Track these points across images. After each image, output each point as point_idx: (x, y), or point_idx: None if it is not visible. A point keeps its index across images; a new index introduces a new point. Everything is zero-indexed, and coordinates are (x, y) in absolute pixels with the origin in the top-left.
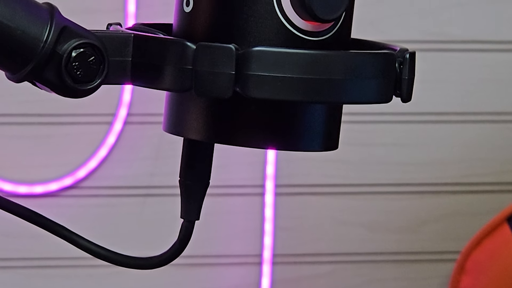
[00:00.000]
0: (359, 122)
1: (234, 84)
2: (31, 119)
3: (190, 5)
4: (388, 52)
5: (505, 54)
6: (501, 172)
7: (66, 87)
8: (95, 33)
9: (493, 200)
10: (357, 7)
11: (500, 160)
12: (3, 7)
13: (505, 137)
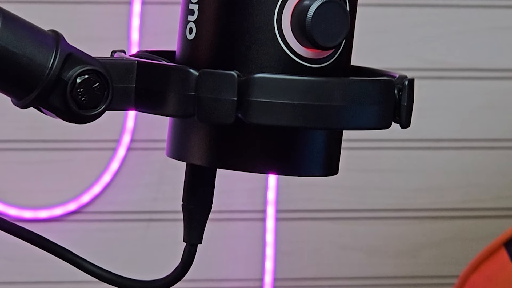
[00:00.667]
0: (358, 148)
1: (236, 110)
2: (36, 145)
3: (193, 33)
4: (387, 79)
5: (501, 82)
6: (498, 198)
7: (71, 113)
8: (100, 60)
9: (490, 225)
10: (356, 36)
11: (497, 186)
12: (10, 34)
13: (502, 164)
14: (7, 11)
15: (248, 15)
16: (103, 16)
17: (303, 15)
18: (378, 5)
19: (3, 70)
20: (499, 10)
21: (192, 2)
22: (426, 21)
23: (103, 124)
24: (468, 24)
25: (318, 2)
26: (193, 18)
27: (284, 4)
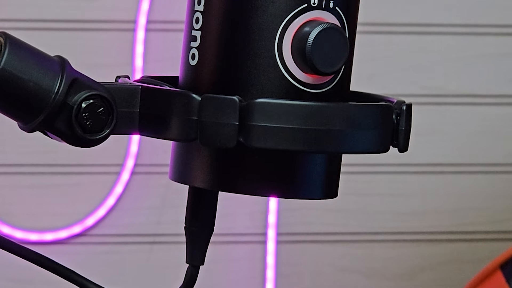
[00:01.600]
0: (357, 173)
1: (237, 135)
2: (41, 169)
3: (196, 58)
4: (386, 104)
5: (497, 108)
6: (494, 221)
7: (76, 136)
8: (104, 85)
9: (486, 248)
10: (355, 62)
11: (493, 210)
12: (16, 60)
13: (498, 188)
14: (14, 37)
15: (250, 41)
16: (107, 42)
17: (303, 41)
18: (376, 32)
19: (10, 95)
20: (494, 38)
21: (195, 28)
22: (423, 48)
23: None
24: (465, 51)
25: (318, 29)
26: (196, 44)
27: (285, 30)
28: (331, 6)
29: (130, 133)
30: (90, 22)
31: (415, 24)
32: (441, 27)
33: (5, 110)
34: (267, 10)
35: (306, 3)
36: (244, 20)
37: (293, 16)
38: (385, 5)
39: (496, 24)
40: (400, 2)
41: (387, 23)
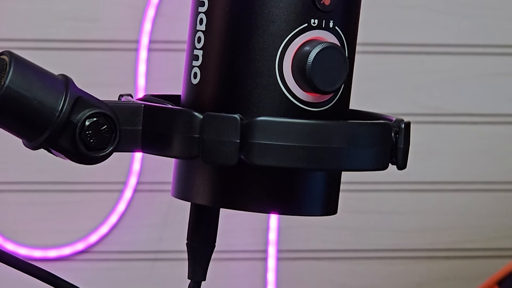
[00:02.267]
0: (356, 191)
1: (239, 152)
2: (45, 186)
3: (198, 77)
4: (385, 122)
5: (493, 126)
6: (491, 239)
7: (80, 154)
8: (108, 103)
9: (484, 265)
10: (354, 81)
11: (490, 227)
12: (21, 79)
13: (495, 205)
14: (19, 56)
15: (251, 61)
16: (111, 62)
17: (303, 60)
18: (375, 52)
19: (14, 112)
20: (491, 58)
21: (197, 48)
22: (421, 67)
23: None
24: (462, 70)
25: (318, 48)
26: (198, 63)
27: (285, 50)
28: (331, 26)
29: (133, 151)
30: (93, 42)
31: (413, 45)
32: (439, 47)
33: (10, 128)
34: (268, 29)
35: (306, 22)
36: (245, 39)
37: (294, 35)
38: (383, 26)
39: (492, 44)
40: (399, 23)
41: (385, 43)
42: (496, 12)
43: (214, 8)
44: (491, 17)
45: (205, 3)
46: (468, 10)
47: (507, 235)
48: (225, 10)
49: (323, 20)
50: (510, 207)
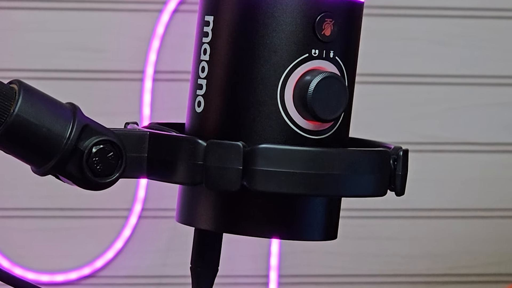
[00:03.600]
0: (356, 217)
1: (241, 179)
2: (52, 213)
3: (201, 106)
4: (383, 150)
5: (490, 155)
6: (487, 264)
7: (87, 180)
8: (114, 131)
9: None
10: (354, 111)
11: (486, 253)
12: (30, 107)
13: (491, 232)
14: (28, 85)
15: (253, 90)
16: (117, 92)
17: (304, 89)
18: (375, 82)
19: (24, 139)
20: (488, 88)
21: (201, 77)
22: (420, 97)
23: (116, 194)
24: (460, 100)
25: (319, 78)
26: (202, 92)
27: (287, 79)
28: (331, 56)
29: (139, 177)
30: (100, 72)
31: (412, 75)
32: (437, 78)
33: (19, 154)
34: (270, 60)
35: (307, 53)
36: (248, 69)
37: (295, 65)
38: (383, 57)
39: (490, 75)
40: (398, 54)
41: (385, 73)
42: (494, 44)
43: (218, 38)
44: (489, 49)
45: (209, 34)
46: (467, 42)
47: (504, 260)
48: (229, 40)
49: (323, 51)
50: (506, 233)
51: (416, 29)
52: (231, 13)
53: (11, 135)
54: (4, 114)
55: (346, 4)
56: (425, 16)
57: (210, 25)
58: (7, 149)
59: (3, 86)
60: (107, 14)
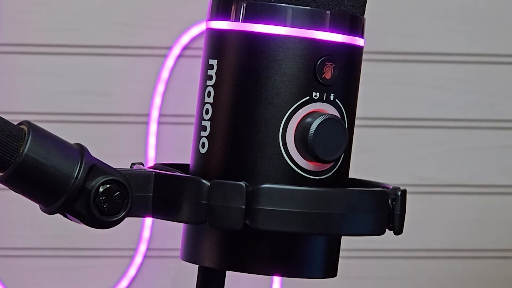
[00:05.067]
0: (355, 257)
1: (244, 218)
2: (60, 252)
3: (205, 147)
4: (382, 190)
5: (486, 197)
6: None
7: (94, 218)
8: (120, 171)
9: None
10: (354, 153)
11: None
12: (39, 147)
13: (487, 272)
14: (37, 126)
15: (256, 131)
16: (123, 134)
17: (305, 131)
18: (374, 126)
19: (33, 179)
20: (483, 131)
21: (205, 119)
22: (417, 141)
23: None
24: (456, 144)
25: (320, 120)
26: (206, 133)
27: (288, 121)
28: (332, 99)
29: (144, 216)
30: (107, 115)
31: (410, 119)
32: (434, 121)
33: (28, 193)
34: (272, 102)
35: (308, 95)
36: (251, 111)
37: (296, 107)
38: (382, 101)
39: (484, 119)
40: (396, 98)
41: (384, 117)
42: (490, 89)
43: (222, 81)
44: (485, 93)
45: (213, 77)
46: (463, 87)
47: None
48: (232, 83)
49: (324, 93)
50: (502, 273)
51: (414, 74)
52: (235, 57)
53: (20, 174)
54: (14, 154)
55: (346, 48)
56: (424, 62)
57: (214, 68)
58: (16, 188)
59: (13, 127)
60: (113, 59)
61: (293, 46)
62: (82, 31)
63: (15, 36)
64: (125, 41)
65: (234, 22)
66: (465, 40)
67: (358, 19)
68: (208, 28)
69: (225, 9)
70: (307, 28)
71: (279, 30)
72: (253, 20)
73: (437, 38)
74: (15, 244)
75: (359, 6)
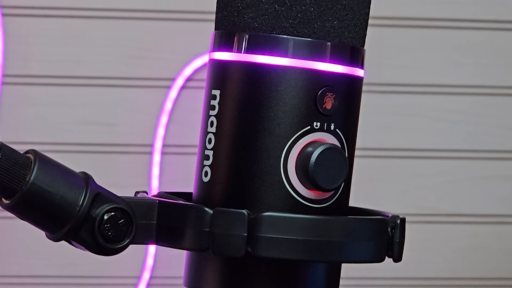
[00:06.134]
0: (355, 285)
1: (246, 245)
2: (65, 280)
3: (208, 176)
4: (381, 218)
5: (486, 226)
6: None
7: (98, 246)
8: (125, 199)
9: None
10: (355, 183)
11: None
12: (45, 175)
13: None
14: (43, 155)
15: (258, 160)
16: (126, 164)
17: (306, 160)
18: (374, 156)
19: (39, 206)
20: (483, 162)
21: (208, 148)
22: (417, 171)
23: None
24: (455, 174)
25: (320, 149)
26: (208, 162)
27: (289, 150)
28: (332, 129)
29: (148, 243)
30: (111, 145)
31: (410, 149)
32: (434, 152)
33: (34, 221)
34: (274, 132)
35: (309, 125)
36: (253, 141)
37: (297, 137)
38: (382, 132)
39: (483, 149)
40: (396, 129)
41: (384, 148)
42: (487, 120)
43: (224, 111)
44: (482, 124)
45: (215, 107)
46: (462, 118)
47: None
48: (234, 113)
49: (324, 123)
50: None
51: (414, 105)
52: (237, 87)
53: (26, 202)
54: (20, 182)
55: (347, 79)
56: (423, 93)
57: (217, 98)
58: (23, 215)
59: (20, 155)
60: (118, 90)
61: (295, 77)
62: (86, 63)
63: (22, 67)
64: (129, 72)
65: (236, 53)
66: (465, 72)
67: (358, 50)
68: (211, 59)
69: (228, 40)
70: (308, 59)
71: (280, 61)
72: (255, 51)
73: (437, 70)
74: (21, 272)
75: (359, 37)
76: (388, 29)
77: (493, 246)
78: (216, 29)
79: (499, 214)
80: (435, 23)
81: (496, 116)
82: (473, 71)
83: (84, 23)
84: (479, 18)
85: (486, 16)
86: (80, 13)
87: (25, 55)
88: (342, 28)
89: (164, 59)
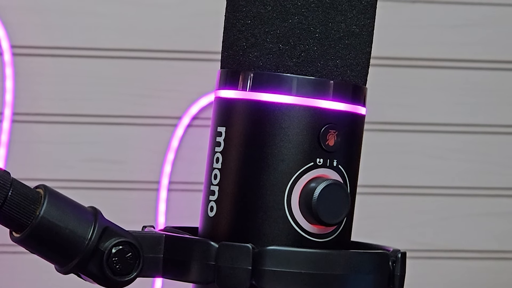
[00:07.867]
0: None
1: (250, 278)
2: None
3: (214, 211)
4: (382, 252)
5: (482, 262)
6: None
7: (106, 278)
8: (132, 233)
9: None
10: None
11: None
12: (54, 209)
13: None
14: (53, 190)
15: (262, 195)
16: (133, 201)
17: (309, 195)
18: (375, 193)
19: (48, 240)
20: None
21: (213, 184)
22: (416, 208)
23: None
24: (452, 211)
25: (323, 185)
26: (214, 198)
27: (293, 186)
28: (335, 165)
29: (155, 276)
30: (118, 182)
31: (408, 187)
32: (431, 189)
33: (44, 254)
34: (278, 168)
35: (312, 162)
36: (257, 176)
37: (301, 173)
38: (382, 169)
39: (479, 186)
40: (396, 167)
41: (384, 185)
42: (484, 158)
43: (229, 148)
44: (480, 162)
45: (221, 144)
46: (460, 156)
47: None
48: (239, 150)
49: (327, 160)
50: None
51: (414, 144)
52: (242, 124)
53: (36, 236)
54: (31, 216)
55: (349, 116)
56: (422, 132)
57: (222, 135)
58: (32, 248)
59: (30, 190)
60: (125, 128)
61: (298, 114)
62: (94, 101)
63: (31, 105)
64: (136, 111)
65: (241, 91)
66: (464, 111)
67: (360, 89)
68: (217, 97)
69: (233, 78)
70: (311, 97)
71: (284, 99)
72: (260, 89)
73: (436, 109)
74: None
75: (361, 76)
76: (386, 69)
77: (490, 281)
78: (221, 67)
79: (495, 250)
80: (433, 63)
81: (493, 154)
82: (470, 110)
83: (92, 63)
84: (477, 58)
85: (483, 57)
86: (88, 53)
87: (35, 93)
88: (345, 67)
89: (171, 98)
